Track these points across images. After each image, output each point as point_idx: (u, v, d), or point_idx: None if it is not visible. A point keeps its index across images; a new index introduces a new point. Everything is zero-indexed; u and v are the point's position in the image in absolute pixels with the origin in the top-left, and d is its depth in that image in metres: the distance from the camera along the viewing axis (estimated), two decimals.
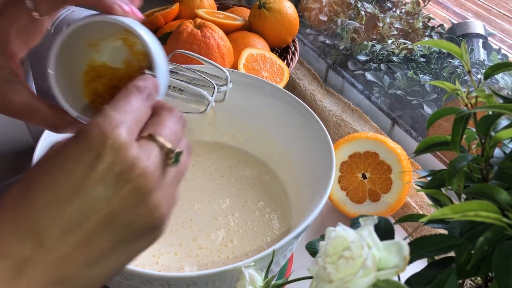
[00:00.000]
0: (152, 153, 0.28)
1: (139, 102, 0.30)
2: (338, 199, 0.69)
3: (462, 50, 0.35)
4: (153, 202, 0.28)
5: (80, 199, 0.26)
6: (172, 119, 0.31)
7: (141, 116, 0.30)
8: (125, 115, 0.28)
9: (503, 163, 0.33)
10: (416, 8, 0.96)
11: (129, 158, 0.27)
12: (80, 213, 0.26)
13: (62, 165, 0.26)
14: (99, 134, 0.27)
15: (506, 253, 0.27)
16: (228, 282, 0.42)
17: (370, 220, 0.30)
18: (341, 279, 0.27)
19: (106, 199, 0.27)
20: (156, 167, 0.28)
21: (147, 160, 0.28)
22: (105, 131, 0.27)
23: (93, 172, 0.26)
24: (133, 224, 0.28)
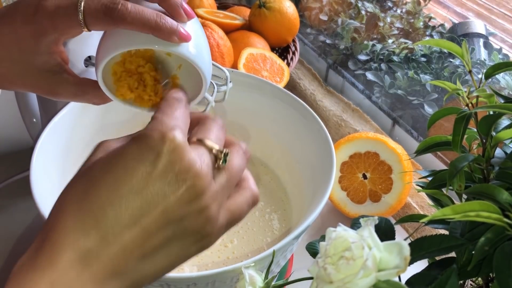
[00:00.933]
0: (203, 155, 0.31)
1: (182, 109, 0.33)
2: (339, 199, 0.68)
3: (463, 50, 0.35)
4: (204, 201, 0.30)
5: (141, 195, 0.28)
6: (216, 126, 0.34)
7: (186, 121, 0.33)
8: (176, 120, 0.31)
9: (504, 163, 0.33)
10: (417, 8, 0.96)
11: (186, 158, 0.29)
12: (140, 208, 0.28)
13: (125, 164, 0.28)
14: (158, 136, 0.29)
15: (507, 254, 0.27)
16: (228, 283, 0.42)
17: (370, 220, 0.29)
18: (341, 280, 0.27)
19: (164, 195, 0.28)
20: (208, 169, 0.30)
21: (201, 161, 0.30)
22: (164, 133, 0.29)
23: (154, 170, 0.28)
24: (184, 221, 0.29)
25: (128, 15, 0.36)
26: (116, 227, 0.27)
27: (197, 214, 0.30)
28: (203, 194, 0.30)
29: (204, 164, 0.30)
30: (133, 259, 0.28)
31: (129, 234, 0.28)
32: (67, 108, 0.54)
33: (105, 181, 0.28)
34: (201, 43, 0.40)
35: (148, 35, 0.37)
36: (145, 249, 0.28)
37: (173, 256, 0.30)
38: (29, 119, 0.71)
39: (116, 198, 0.28)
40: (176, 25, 0.37)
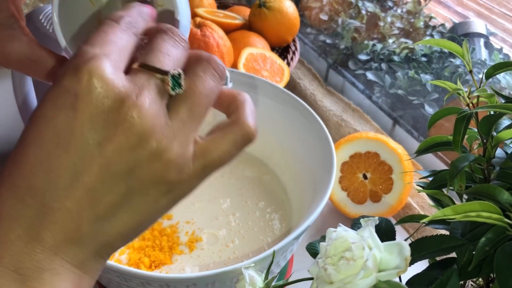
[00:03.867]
0: (144, 84, 0.24)
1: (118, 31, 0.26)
2: (339, 199, 0.68)
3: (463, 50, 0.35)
4: (154, 143, 0.24)
5: (69, 148, 0.23)
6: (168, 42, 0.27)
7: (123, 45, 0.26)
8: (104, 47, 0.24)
9: (505, 163, 0.33)
10: (417, 7, 0.96)
11: (113, 92, 0.23)
12: (74, 164, 0.23)
13: (44, 113, 0.24)
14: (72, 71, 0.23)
15: (508, 254, 0.27)
16: (228, 283, 0.42)
17: (371, 220, 0.29)
18: (341, 280, 0.27)
19: (97, 144, 0.23)
20: (151, 101, 0.24)
21: (138, 94, 0.24)
22: (78, 66, 0.23)
23: (76, 115, 0.23)
24: (137, 172, 0.24)
25: None
26: (53, 190, 0.23)
27: (150, 161, 0.24)
28: (150, 134, 0.24)
29: (145, 95, 0.24)
30: (86, 222, 0.24)
31: (70, 196, 0.23)
32: None
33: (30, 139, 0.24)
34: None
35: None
36: (97, 210, 0.24)
37: (138, 213, 0.25)
38: None
39: (44, 157, 0.23)
40: None
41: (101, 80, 0.23)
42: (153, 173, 0.25)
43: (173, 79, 0.25)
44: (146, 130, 0.24)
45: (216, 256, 0.52)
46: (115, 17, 0.27)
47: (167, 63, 0.26)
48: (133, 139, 0.24)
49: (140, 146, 0.24)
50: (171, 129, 0.25)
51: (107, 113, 0.23)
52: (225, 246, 0.54)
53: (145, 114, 0.24)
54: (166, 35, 0.27)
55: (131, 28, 0.27)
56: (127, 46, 0.26)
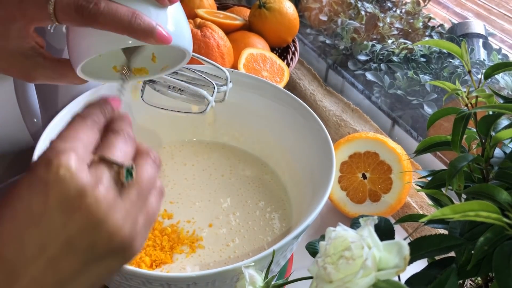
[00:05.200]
0: (103, 176, 0.29)
1: (84, 129, 0.31)
2: (338, 199, 0.68)
3: (462, 50, 0.35)
4: (110, 226, 0.29)
5: (39, 226, 0.28)
6: (120, 139, 0.32)
7: (88, 142, 0.31)
8: (72, 142, 0.29)
9: (503, 163, 0.33)
10: (416, 8, 0.96)
11: (76, 184, 0.28)
12: (40, 240, 0.28)
13: (21, 196, 0.28)
14: (44, 164, 0.28)
15: (507, 253, 0.27)
16: (228, 282, 0.42)
17: (370, 220, 0.30)
18: (341, 279, 0.27)
19: (62, 225, 0.28)
20: (108, 189, 0.29)
21: (97, 184, 0.29)
22: (49, 160, 0.28)
23: (47, 200, 0.28)
24: (95, 248, 0.29)
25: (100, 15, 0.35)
26: (22, 260, 0.28)
27: (108, 239, 0.29)
28: (105, 219, 0.29)
29: (102, 186, 0.29)
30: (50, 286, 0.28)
31: (37, 265, 0.28)
32: (68, 108, 0.54)
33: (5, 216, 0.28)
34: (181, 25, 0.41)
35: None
36: (59, 276, 0.28)
37: (95, 276, 0.30)
38: (30, 119, 0.71)
39: (16, 232, 0.28)
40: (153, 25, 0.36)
41: (67, 173, 0.28)
42: (110, 248, 0.29)
43: (126, 171, 0.30)
44: (102, 217, 0.28)
45: (217, 255, 0.52)
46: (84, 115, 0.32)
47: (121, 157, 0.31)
48: (92, 221, 0.28)
49: (98, 227, 0.28)
50: (124, 210, 0.30)
51: (71, 199, 0.28)
52: (225, 245, 0.54)
53: (101, 201, 0.28)
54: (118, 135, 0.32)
55: (96, 126, 0.32)
56: (91, 141, 0.31)
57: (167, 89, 0.51)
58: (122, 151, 0.32)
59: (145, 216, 0.32)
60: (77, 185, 0.28)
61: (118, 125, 0.33)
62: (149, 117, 0.62)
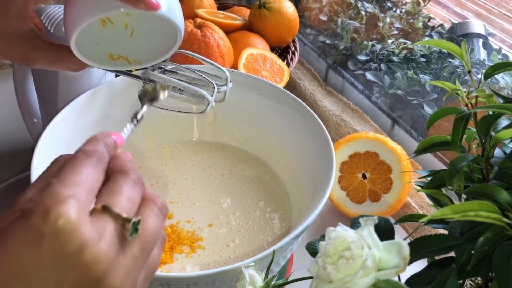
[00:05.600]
0: (106, 229, 0.26)
1: (89, 170, 0.28)
2: (338, 199, 0.69)
3: (462, 50, 0.35)
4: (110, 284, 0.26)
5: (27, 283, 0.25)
6: (128, 185, 0.29)
7: (93, 185, 0.28)
8: (74, 188, 0.26)
9: (503, 163, 0.33)
10: (416, 8, 0.96)
11: (77, 238, 0.25)
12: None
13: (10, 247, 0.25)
14: (42, 213, 0.25)
15: (507, 253, 0.27)
16: (228, 282, 0.42)
17: (370, 220, 0.30)
18: (341, 279, 0.27)
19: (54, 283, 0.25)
20: (110, 245, 0.26)
21: (99, 239, 0.26)
22: (48, 209, 0.25)
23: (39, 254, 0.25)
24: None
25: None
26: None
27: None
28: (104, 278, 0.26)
29: (104, 241, 0.26)
30: None
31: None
32: (68, 108, 0.54)
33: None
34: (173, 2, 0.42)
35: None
36: None
37: None
38: (30, 119, 0.71)
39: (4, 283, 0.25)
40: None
41: (67, 226, 0.25)
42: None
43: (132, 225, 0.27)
44: (102, 276, 0.26)
45: (217, 255, 0.52)
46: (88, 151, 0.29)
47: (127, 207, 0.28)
48: (89, 282, 0.26)
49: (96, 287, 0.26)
50: (125, 269, 0.27)
51: (69, 256, 0.25)
52: (225, 245, 0.54)
53: (102, 260, 0.26)
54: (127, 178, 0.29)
55: (101, 165, 0.29)
56: (96, 185, 0.28)
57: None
58: (129, 199, 0.29)
59: (146, 271, 0.29)
60: (76, 240, 0.25)
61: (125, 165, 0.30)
62: (149, 117, 0.62)
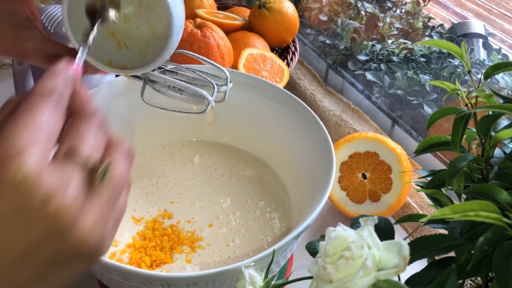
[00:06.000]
0: (72, 177, 0.25)
1: (47, 113, 0.25)
2: (338, 199, 0.69)
3: (462, 50, 0.35)
4: (79, 234, 0.25)
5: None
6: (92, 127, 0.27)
7: (52, 130, 0.25)
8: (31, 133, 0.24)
9: (503, 163, 0.33)
10: (416, 8, 0.96)
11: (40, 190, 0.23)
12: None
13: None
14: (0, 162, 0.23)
15: (507, 253, 0.27)
16: (228, 282, 0.42)
17: (370, 220, 0.30)
18: (341, 279, 0.27)
19: (18, 236, 0.24)
20: (78, 193, 0.25)
21: (65, 188, 0.24)
22: (5, 159, 0.23)
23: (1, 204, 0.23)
24: (59, 255, 0.25)
25: None
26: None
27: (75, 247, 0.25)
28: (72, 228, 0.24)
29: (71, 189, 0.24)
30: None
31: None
32: None
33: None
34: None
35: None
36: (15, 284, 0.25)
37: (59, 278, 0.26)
38: None
39: None
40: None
41: (28, 177, 0.23)
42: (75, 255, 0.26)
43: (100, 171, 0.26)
44: (70, 223, 0.24)
45: (217, 255, 0.52)
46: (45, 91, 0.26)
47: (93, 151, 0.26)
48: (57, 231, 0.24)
49: (64, 237, 0.24)
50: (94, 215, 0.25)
51: (32, 209, 0.23)
52: (225, 245, 0.54)
53: (69, 209, 0.24)
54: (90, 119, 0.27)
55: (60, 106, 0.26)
56: (56, 130, 0.25)
57: (167, 89, 0.51)
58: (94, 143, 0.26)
59: (115, 216, 0.28)
60: (39, 192, 0.23)
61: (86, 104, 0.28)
62: (149, 117, 0.62)
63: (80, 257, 0.26)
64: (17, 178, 0.23)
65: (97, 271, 0.45)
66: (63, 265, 0.26)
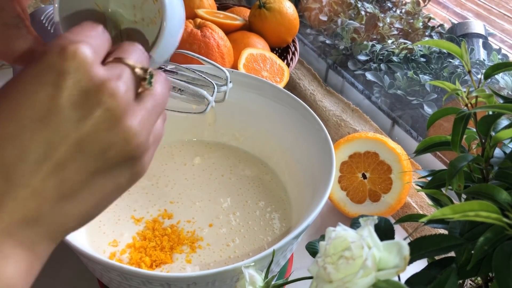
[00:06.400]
0: (123, 73, 0.26)
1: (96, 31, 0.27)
2: (338, 199, 0.69)
3: (462, 50, 0.35)
4: (129, 127, 0.26)
5: (46, 124, 0.23)
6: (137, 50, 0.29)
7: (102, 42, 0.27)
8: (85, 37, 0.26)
9: (503, 163, 0.33)
10: (416, 8, 0.96)
11: (96, 76, 0.24)
12: (48, 140, 0.24)
13: (24, 88, 0.24)
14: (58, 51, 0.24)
15: (507, 253, 0.27)
16: (228, 282, 0.42)
17: (370, 220, 0.30)
18: (341, 279, 0.27)
19: (75, 122, 0.24)
20: (128, 88, 0.26)
21: (117, 79, 0.25)
22: (64, 47, 0.24)
23: (58, 92, 0.24)
24: (108, 152, 0.25)
25: None
26: (21, 165, 0.23)
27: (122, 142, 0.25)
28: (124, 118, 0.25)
29: (122, 82, 0.25)
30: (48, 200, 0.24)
31: (39, 172, 0.23)
32: None
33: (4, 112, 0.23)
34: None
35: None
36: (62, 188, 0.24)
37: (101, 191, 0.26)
38: None
39: (18, 130, 0.23)
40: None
41: (85, 62, 0.24)
42: (123, 155, 0.26)
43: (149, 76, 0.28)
44: (122, 115, 0.25)
45: (217, 255, 0.52)
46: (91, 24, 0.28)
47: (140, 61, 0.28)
48: (110, 121, 0.25)
49: (116, 127, 0.25)
50: (140, 117, 0.26)
51: (88, 93, 0.24)
52: (225, 245, 0.54)
53: (121, 100, 0.25)
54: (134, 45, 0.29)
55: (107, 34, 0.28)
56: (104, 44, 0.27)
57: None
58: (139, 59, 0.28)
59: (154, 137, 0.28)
60: (96, 77, 0.24)
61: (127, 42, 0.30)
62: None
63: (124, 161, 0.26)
64: (76, 62, 0.24)
65: (97, 271, 0.45)
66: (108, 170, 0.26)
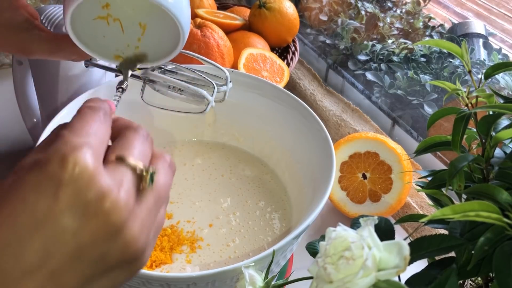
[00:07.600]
0: (123, 178, 0.26)
1: (97, 122, 0.27)
2: (339, 199, 0.68)
3: (462, 50, 0.35)
4: (127, 235, 0.26)
5: (43, 233, 0.24)
6: (139, 140, 0.29)
7: (103, 137, 0.27)
8: (86, 137, 0.26)
9: (503, 163, 0.33)
10: (417, 8, 0.96)
11: (96, 186, 0.24)
12: (44, 249, 0.24)
13: (23, 197, 0.24)
14: (58, 160, 0.24)
15: (507, 254, 0.27)
16: (228, 283, 0.42)
17: (370, 220, 0.29)
18: (341, 280, 0.27)
19: (72, 232, 0.24)
20: (129, 195, 0.26)
21: (118, 187, 0.25)
22: (64, 156, 0.24)
23: (56, 203, 0.24)
24: (106, 259, 0.25)
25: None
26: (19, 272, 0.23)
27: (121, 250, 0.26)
28: (123, 228, 0.25)
29: (123, 190, 0.25)
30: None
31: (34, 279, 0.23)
32: (68, 108, 0.54)
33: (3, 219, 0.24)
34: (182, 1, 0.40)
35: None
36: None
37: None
38: (30, 119, 0.71)
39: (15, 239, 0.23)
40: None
41: (86, 172, 0.24)
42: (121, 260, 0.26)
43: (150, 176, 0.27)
44: (121, 225, 0.25)
45: (217, 255, 0.52)
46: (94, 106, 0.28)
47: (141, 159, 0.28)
48: (109, 232, 0.25)
49: (114, 237, 0.25)
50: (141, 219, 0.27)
51: (87, 204, 0.24)
52: (225, 245, 0.54)
53: (121, 209, 0.25)
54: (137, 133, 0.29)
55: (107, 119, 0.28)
56: (106, 138, 0.27)
57: (167, 89, 0.51)
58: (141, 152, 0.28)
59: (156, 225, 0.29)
60: (96, 187, 0.24)
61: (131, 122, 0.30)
62: (149, 117, 0.62)
63: (122, 264, 0.26)
64: (76, 172, 0.24)
65: None
66: (106, 272, 0.26)
